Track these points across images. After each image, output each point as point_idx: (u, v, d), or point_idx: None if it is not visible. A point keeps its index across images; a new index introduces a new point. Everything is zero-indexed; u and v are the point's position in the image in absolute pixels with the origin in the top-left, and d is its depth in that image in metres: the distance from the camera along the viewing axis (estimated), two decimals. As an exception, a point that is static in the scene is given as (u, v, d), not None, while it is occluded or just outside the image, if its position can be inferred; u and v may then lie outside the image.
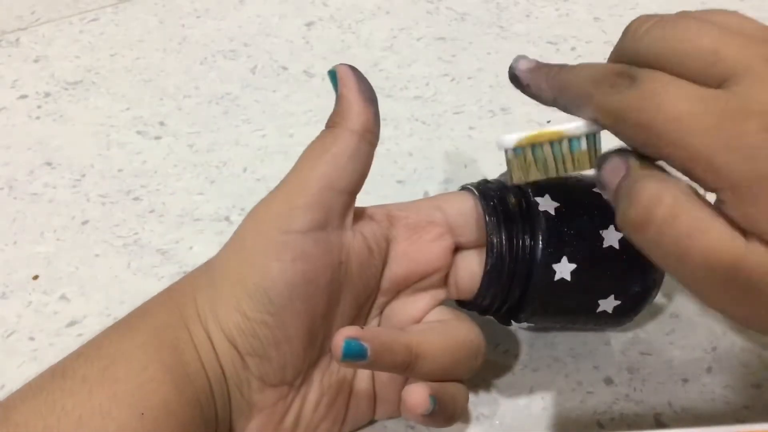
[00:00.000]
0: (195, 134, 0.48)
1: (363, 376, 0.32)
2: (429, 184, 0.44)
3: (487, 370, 0.35)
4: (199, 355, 0.28)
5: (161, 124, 0.48)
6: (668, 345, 0.36)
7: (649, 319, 0.37)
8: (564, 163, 0.27)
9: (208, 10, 0.56)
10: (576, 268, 0.30)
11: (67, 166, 0.46)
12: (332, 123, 0.30)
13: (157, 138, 0.47)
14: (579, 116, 0.26)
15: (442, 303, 0.32)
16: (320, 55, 0.52)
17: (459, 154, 0.45)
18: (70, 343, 0.36)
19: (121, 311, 0.30)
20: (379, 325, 0.32)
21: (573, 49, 0.51)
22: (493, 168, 0.43)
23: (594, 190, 0.31)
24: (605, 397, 0.34)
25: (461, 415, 0.30)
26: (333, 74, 0.30)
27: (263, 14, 0.56)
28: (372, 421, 0.34)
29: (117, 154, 0.47)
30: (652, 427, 0.33)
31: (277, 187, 0.29)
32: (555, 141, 0.27)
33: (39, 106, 0.50)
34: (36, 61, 0.53)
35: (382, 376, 0.32)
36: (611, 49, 0.28)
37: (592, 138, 0.27)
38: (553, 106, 0.27)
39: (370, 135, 0.30)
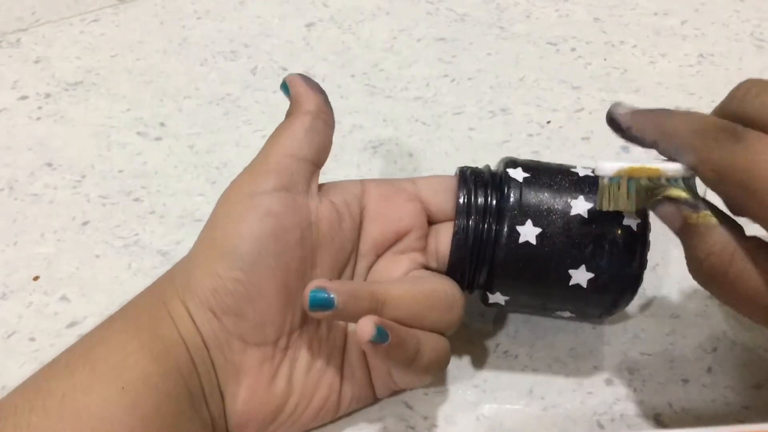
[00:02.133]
0: (195, 135, 0.48)
1: (355, 345, 0.32)
2: (429, 185, 0.44)
3: (487, 370, 0.35)
4: (177, 326, 0.29)
5: (162, 125, 0.48)
6: (668, 345, 0.36)
7: (649, 319, 0.37)
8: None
9: (209, 11, 0.57)
10: (540, 232, 0.31)
11: (67, 166, 0.46)
12: (289, 113, 0.33)
13: (158, 139, 0.47)
14: (679, 162, 0.27)
15: (420, 267, 0.33)
16: (320, 56, 0.52)
17: (459, 155, 0.45)
18: (70, 343, 0.36)
19: (122, 312, 0.30)
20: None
21: (573, 49, 0.51)
22: (493, 168, 0.43)
23: (572, 170, 0.33)
24: (605, 398, 0.34)
25: (431, 365, 0.30)
26: (284, 85, 0.33)
27: (263, 15, 0.56)
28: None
29: (117, 154, 0.47)
30: (652, 428, 0.33)
31: (246, 167, 0.32)
32: (653, 177, 0.28)
33: (39, 107, 0.50)
34: (36, 62, 0.53)
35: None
36: (611, 49, 0.28)
37: (688, 180, 0.28)
38: (653, 148, 0.28)
39: (324, 114, 0.32)
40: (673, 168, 0.27)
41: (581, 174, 0.32)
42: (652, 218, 0.29)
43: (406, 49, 0.53)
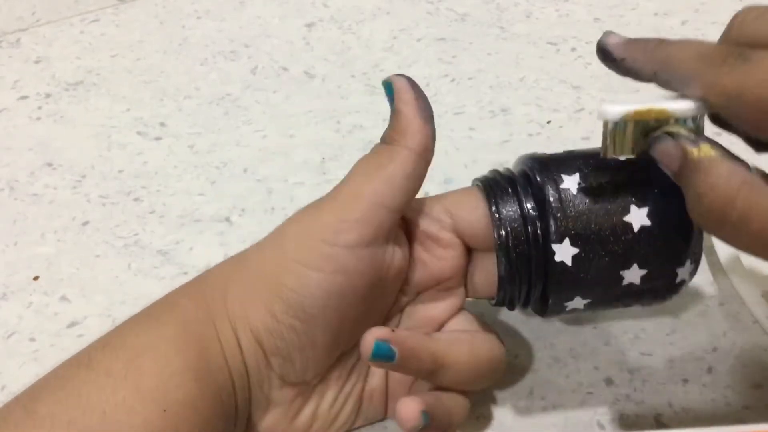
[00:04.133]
0: (195, 135, 0.48)
1: (377, 374, 0.32)
2: (429, 185, 0.43)
3: (488, 371, 0.35)
4: (224, 351, 0.28)
5: (162, 124, 0.48)
6: (668, 345, 0.36)
7: (649, 319, 0.37)
8: None
9: (209, 11, 0.57)
10: (579, 253, 0.29)
11: (67, 167, 0.46)
12: (390, 139, 0.29)
13: (158, 139, 0.47)
14: (683, 93, 0.25)
15: (463, 303, 0.32)
16: (321, 56, 0.52)
17: (459, 155, 0.45)
18: (70, 343, 0.36)
19: (122, 312, 0.30)
20: (399, 323, 0.32)
21: (573, 49, 0.51)
22: (494, 168, 0.43)
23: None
24: (605, 398, 0.34)
25: (457, 426, 0.31)
26: (389, 86, 0.30)
27: (264, 15, 0.56)
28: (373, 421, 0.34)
29: (117, 155, 0.47)
30: (652, 428, 0.33)
31: (327, 197, 0.29)
32: (661, 119, 0.25)
33: (40, 107, 0.50)
34: (37, 62, 0.53)
35: (396, 375, 0.32)
36: (611, 49, 0.28)
37: (697, 121, 0.25)
38: (652, 82, 0.26)
39: (428, 154, 0.29)
40: (683, 106, 0.25)
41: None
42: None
43: (406, 49, 0.53)
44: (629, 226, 0.28)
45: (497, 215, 0.29)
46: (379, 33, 0.54)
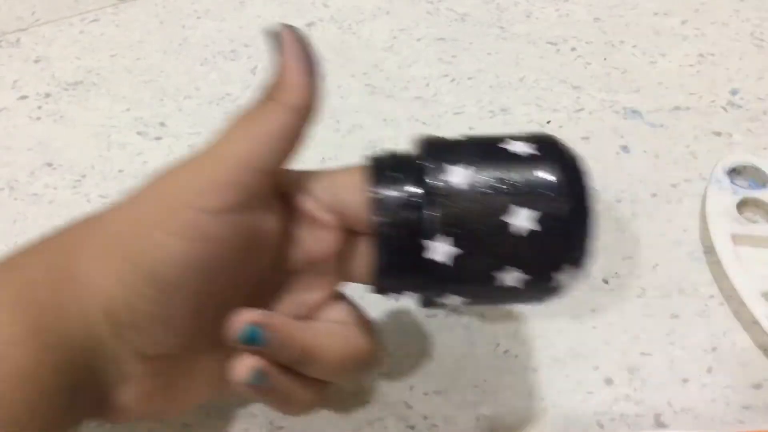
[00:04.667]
0: (196, 135, 0.48)
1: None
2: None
3: (487, 370, 0.35)
4: (69, 320, 0.25)
5: (162, 124, 0.48)
6: (668, 345, 0.36)
7: (649, 319, 0.37)
8: None
9: (209, 11, 0.57)
10: (460, 253, 0.27)
11: (67, 166, 0.46)
12: (266, 95, 0.27)
13: (158, 139, 0.47)
14: None
15: (340, 289, 0.30)
16: (320, 55, 0.52)
17: (459, 155, 0.45)
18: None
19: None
20: (270, 304, 0.29)
21: (573, 49, 0.51)
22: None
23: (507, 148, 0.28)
24: (605, 397, 0.34)
25: (309, 410, 0.29)
26: (276, 35, 0.27)
27: (264, 15, 0.56)
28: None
29: (117, 154, 0.47)
30: (652, 427, 0.33)
31: (193, 156, 0.26)
32: None
33: (39, 107, 0.50)
34: (36, 61, 0.53)
35: None
36: (611, 49, 0.28)
37: None
38: None
39: (306, 111, 0.27)
40: None
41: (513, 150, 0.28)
42: (657, 212, 0.29)
43: (406, 49, 0.53)
44: (507, 226, 0.27)
45: (377, 198, 0.27)
46: (379, 33, 0.54)
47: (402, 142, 0.47)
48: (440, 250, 0.27)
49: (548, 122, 0.47)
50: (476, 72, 0.50)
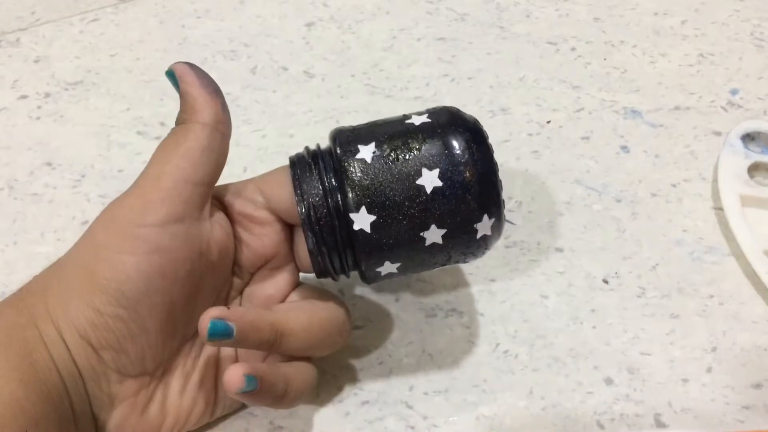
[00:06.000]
0: (195, 134, 0.48)
1: (228, 355, 0.32)
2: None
3: (487, 370, 0.35)
4: (50, 352, 0.27)
5: (161, 124, 0.48)
6: (668, 345, 0.36)
7: (649, 319, 0.37)
8: None
9: (209, 11, 0.56)
10: (375, 220, 0.30)
11: (67, 166, 0.46)
12: (181, 119, 0.30)
13: (158, 138, 0.47)
14: None
15: (297, 278, 0.33)
16: (320, 55, 0.52)
17: (459, 155, 0.45)
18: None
19: (122, 311, 0.29)
20: (240, 305, 0.32)
21: (573, 49, 0.51)
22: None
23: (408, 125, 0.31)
24: (605, 397, 0.34)
25: (300, 396, 0.31)
26: (171, 74, 0.30)
27: (263, 15, 0.56)
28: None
29: (117, 154, 0.47)
30: (652, 427, 0.33)
31: (131, 185, 0.29)
32: None
33: (39, 107, 0.50)
34: (36, 61, 0.53)
35: (246, 353, 0.32)
36: (611, 49, 0.28)
37: None
38: None
39: (222, 125, 0.30)
40: None
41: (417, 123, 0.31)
42: (657, 211, 0.29)
43: (406, 48, 0.53)
44: (422, 188, 0.30)
45: (299, 191, 0.30)
46: (378, 32, 0.54)
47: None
48: (360, 221, 0.30)
49: (548, 122, 0.47)
50: (476, 72, 0.50)
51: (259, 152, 0.46)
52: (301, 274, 0.34)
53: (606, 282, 0.39)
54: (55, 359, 0.27)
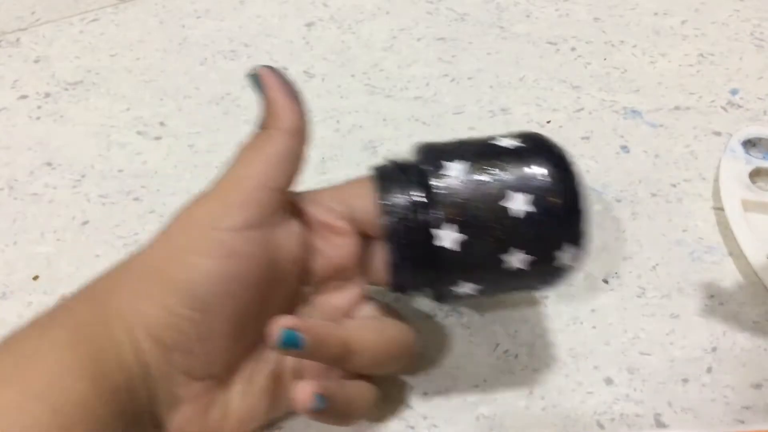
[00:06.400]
0: (195, 135, 0.48)
1: (292, 364, 0.32)
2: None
3: (487, 370, 0.35)
4: (119, 351, 0.27)
5: (161, 124, 0.48)
6: (668, 345, 0.36)
7: (649, 319, 0.37)
8: None
9: (209, 11, 0.57)
10: (465, 239, 0.29)
11: (67, 166, 0.46)
12: (264, 125, 0.30)
13: (158, 138, 0.47)
14: None
15: (366, 291, 0.33)
16: (320, 55, 0.52)
17: (459, 155, 0.45)
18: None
19: (122, 311, 0.29)
20: (304, 314, 0.32)
21: (573, 49, 0.51)
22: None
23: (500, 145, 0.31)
24: (605, 397, 0.34)
25: (361, 415, 0.31)
26: (254, 78, 0.31)
27: (263, 15, 0.56)
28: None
29: (117, 154, 0.47)
30: (652, 427, 0.33)
31: (210, 187, 0.30)
32: None
33: (39, 107, 0.50)
34: (36, 61, 0.53)
35: (307, 363, 0.32)
36: (611, 49, 0.28)
37: None
38: None
39: (302, 133, 0.30)
40: None
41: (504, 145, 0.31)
42: (657, 212, 0.29)
43: (406, 48, 0.53)
44: (509, 210, 0.29)
45: (385, 203, 0.30)
46: (378, 32, 0.54)
47: (402, 141, 0.47)
48: (447, 238, 0.29)
49: (548, 122, 0.47)
50: (476, 72, 0.50)
51: (259, 152, 0.46)
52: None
53: (606, 282, 0.39)
54: (124, 358, 0.27)
